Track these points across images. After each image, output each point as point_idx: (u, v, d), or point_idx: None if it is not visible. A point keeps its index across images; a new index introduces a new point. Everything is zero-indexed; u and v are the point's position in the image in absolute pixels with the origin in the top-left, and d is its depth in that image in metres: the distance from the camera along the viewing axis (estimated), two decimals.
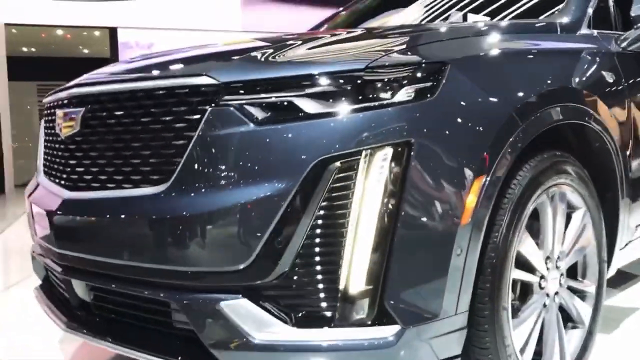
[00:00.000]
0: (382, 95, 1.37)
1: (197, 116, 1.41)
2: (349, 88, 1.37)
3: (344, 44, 1.62)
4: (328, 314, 1.35)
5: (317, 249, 1.34)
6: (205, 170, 1.39)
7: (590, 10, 2.18)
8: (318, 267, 1.34)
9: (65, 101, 1.79)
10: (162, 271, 1.45)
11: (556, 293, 1.77)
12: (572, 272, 1.94)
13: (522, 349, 1.63)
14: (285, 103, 1.37)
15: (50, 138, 1.92)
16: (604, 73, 1.98)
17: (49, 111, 1.97)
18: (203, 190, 1.39)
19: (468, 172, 1.40)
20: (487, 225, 1.47)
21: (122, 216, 1.52)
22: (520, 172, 1.58)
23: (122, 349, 1.58)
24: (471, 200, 1.39)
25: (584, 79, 1.85)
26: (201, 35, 7.85)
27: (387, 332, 1.34)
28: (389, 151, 1.34)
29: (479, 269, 1.46)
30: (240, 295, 1.37)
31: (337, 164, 1.33)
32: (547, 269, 1.72)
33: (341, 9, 3.47)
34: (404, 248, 1.35)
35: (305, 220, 1.32)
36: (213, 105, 1.40)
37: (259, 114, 1.38)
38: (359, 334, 1.34)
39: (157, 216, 1.44)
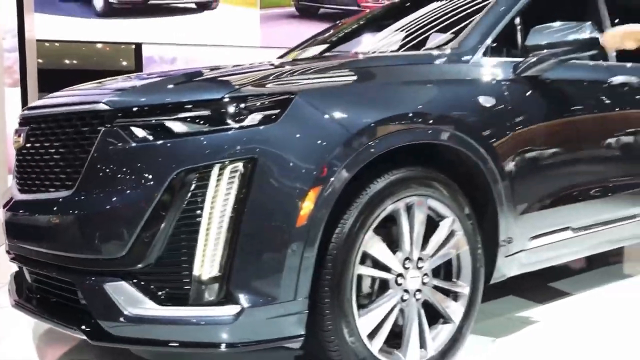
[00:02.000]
0: (235, 119, 1.71)
1: (95, 135, 1.79)
2: (208, 113, 1.72)
3: (220, 76, 1.96)
4: (185, 295, 1.69)
5: (177, 244, 1.69)
6: (96, 178, 1.77)
7: (488, 41, 2.43)
8: (178, 258, 1.69)
9: (20, 120, 2.20)
10: (68, 258, 1.83)
11: (419, 290, 2.04)
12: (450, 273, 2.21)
13: (372, 334, 1.91)
14: (159, 125, 1.73)
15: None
16: (480, 98, 2.22)
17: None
18: (93, 194, 1.76)
19: (304, 183, 1.71)
20: (330, 227, 1.77)
21: (45, 213, 1.91)
22: (372, 184, 1.88)
23: (48, 322, 1.97)
24: (307, 206, 1.70)
25: (448, 103, 2.11)
26: (221, 50, 8.35)
27: (229, 311, 1.67)
28: (237, 165, 1.67)
29: (321, 262, 1.77)
30: (120, 278, 1.72)
31: (194, 175, 1.67)
32: (406, 268, 1.99)
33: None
34: (247, 244, 1.67)
35: (168, 220, 1.67)
36: (106, 126, 1.77)
37: (138, 133, 1.74)
38: (207, 312, 1.67)
39: (64, 214, 1.82)
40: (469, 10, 2.65)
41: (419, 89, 2.09)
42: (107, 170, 1.75)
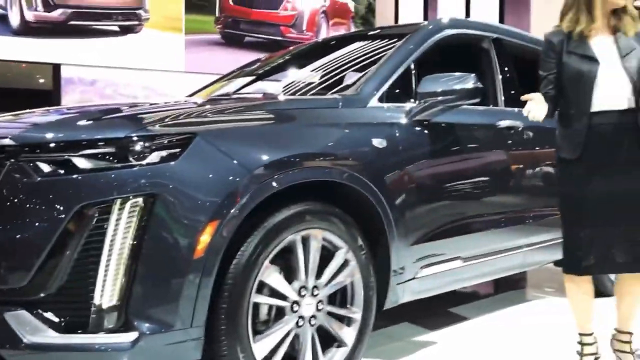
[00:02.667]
0: (137, 157, 1.83)
1: (1, 169, 1.85)
2: (113, 150, 1.82)
3: (130, 115, 2.07)
4: (85, 322, 1.77)
5: (78, 274, 1.77)
6: (1, 210, 1.81)
7: (384, 88, 2.66)
8: (79, 288, 1.77)
9: None
10: None
11: (314, 316, 2.20)
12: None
13: (267, 357, 2.05)
14: (64, 160, 1.81)
15: None
16: (375, 140, 2.44)
17: None
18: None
19: (202, 218, 1.84)
20: (227, 258, 1.90)
21: None
22: (270, 218, 2.03)
23: None
24: (205, 239, 1.83)
25: (344, 144, 2.31)
26: (144, 74, 8.34)
27: (127, 338, 1.76)
28: (137, 200, 1.78)
29: (218, 292, 1.89)
30: (21, 307, 1.78)
31: (97, 209, 1.77)
32: (302, 296, 2.15)
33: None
34: (146, 274, 1.78)
35: (69, 252, 1.75)
36: (12, 160, 1.83)
37: (44, 168, 1.82)
38: (105, 339, 1.75)
39: None
40: (380, 55, 2.88)
41: (318, 131, 2.28)
42: (12, 202, 1.80)
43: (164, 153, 1.84)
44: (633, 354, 2.50)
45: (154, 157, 1.83)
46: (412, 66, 2.84)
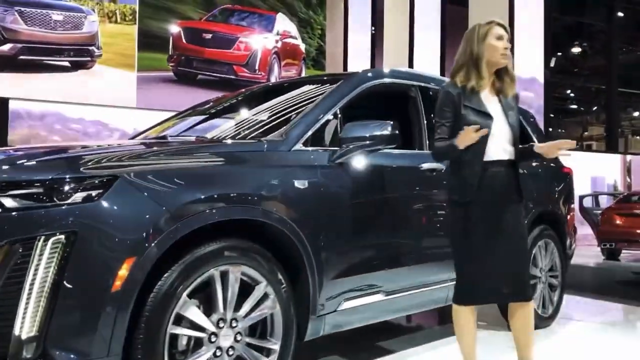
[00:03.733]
0: (61, 197, 1.96)
1: None
2: (38, 191, 1.95)
3: (62, 157, 2.20)
4: (4, 354, 1.86)
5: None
6: None
7: (309, 133, 2.83)
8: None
9: None
10: None
11: (232, 347, 2.33)
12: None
13: None
14: None
15: None
16: (297, 181, 2.61)
17: None
18: None
19: (121, 254, 1.98)
20: (144, 291, 2.03)
21: None
22: (188, 254, 2.17)
23: None
24: (122, 274, 1.97)
25: (266, 185, 2.49)
26: (94, 109, 8.41)
27: None
28: (59, 237, 1.91)
29: (135, 323, 2.01)
30: None
31: (20, 245, 1.88)
32: (220, 327, 2.28)
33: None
34: (63, 307, 1.90)
35: None
36: None
37: None
38: None
39: None
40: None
41: (241, 172, 2.45)
42: None
43: (87, 193, 1.98)
44: None
45: (78, 197, 1.97)
46: (339, 112, 3.03)
